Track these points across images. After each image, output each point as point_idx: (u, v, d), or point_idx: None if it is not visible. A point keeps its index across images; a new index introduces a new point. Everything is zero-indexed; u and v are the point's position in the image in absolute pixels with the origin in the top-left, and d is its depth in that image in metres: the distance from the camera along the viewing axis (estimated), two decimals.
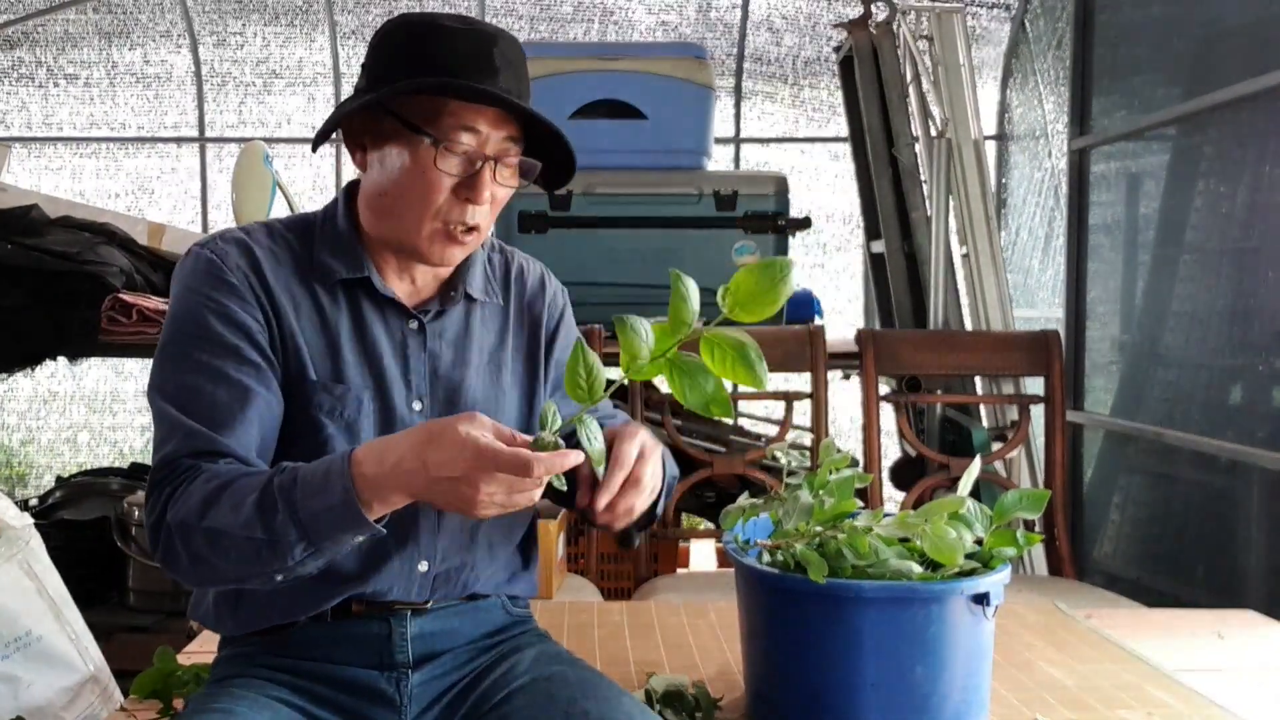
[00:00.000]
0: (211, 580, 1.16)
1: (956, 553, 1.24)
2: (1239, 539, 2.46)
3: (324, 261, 1.24)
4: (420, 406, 1.25)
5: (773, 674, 1.35)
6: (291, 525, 1.05)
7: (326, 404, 1.21)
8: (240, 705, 1.14)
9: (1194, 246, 2.68)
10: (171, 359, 1.19)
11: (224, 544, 1.08)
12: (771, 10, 4.85)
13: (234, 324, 1.18)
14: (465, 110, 1.17)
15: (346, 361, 1.23)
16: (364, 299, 1.25)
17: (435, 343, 1.27)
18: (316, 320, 1.23)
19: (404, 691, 1.23)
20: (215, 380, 1.16)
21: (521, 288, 1.37)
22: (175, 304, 1.21)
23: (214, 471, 1.11)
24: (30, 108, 5.04)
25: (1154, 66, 2.92)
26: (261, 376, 1.18)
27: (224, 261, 1.20)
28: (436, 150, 1.16)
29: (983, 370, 2.70)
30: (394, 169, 1.19)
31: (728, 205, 3.03)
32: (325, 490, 1.05)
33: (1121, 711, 1.47)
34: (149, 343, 2.77)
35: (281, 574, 1.09)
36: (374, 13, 4.89)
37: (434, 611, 1.26)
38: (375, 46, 1.22)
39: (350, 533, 1.07)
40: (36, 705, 1.99)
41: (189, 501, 1.09)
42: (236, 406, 1.15)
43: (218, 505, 1.08)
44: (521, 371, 1.35)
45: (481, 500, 1.03)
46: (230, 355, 1.17)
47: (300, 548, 1.06)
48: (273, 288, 1.21)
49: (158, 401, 1.17)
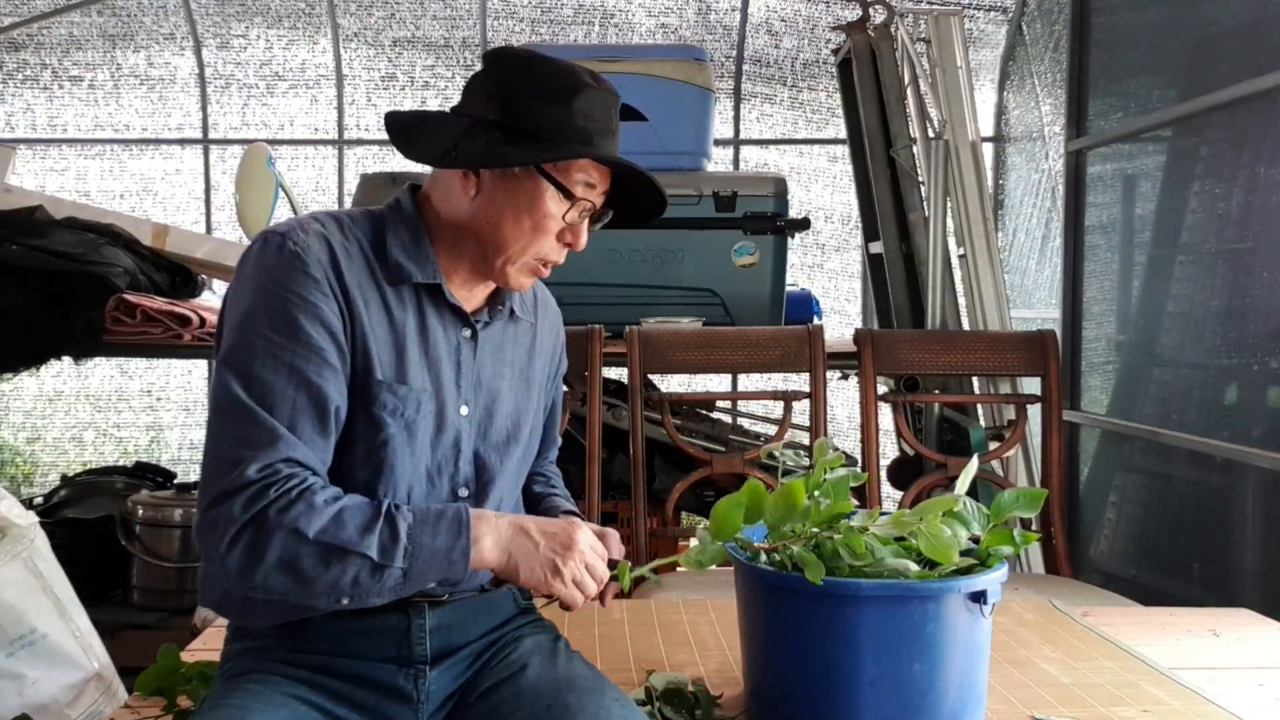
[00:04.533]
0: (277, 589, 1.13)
1: (951, 551, 1.25)
2: (1234, 538, 2.47)
3: (397, 262, 1.26)
4: (467, 411, 1.29)
5: (771, 671, 1.36)
6: (403, 555, 1.13)
7: (390, 403, 1.22)
8: (257, 702, 1.15)
9: (1190, 247, 2.70)
10: (254, 352, 1.15)
11: (332, 559, 1.11)
12: (770, 13, 4.87)
13: (320, 322, 1.18)
14: (594, 169, 1.26)
15: (411, 362, 1.25)
16: (428, 303, 1.28)
17: (481, 352, 1.32)
18: (385, 319, 1.24)
19: (421, 688, 1.25)
20: (299, 385, 1.16)
21: (544, 310, 1.45)
22: (259, 294, 1.18)
23: (326, 486, 1.15)
24: (35, 110, 5.05)
25: (1150, 69, 2.93)
26: (339, 382, 1.19)
27: (306, 254, 1.19)
28: (568, 204, 1.25)
29: (980, 370, 2.72)
30: (517, 203, 1.24)
31: (727, 206, 3.05)
32: (440, 529, 1.15)
33: (1118, 709, 1.48)
34: (153, 343, 2.79)
35: (350, 599, 1.14)
36: (376, 15, 4.91)
37: (451, 604, 1.29)
38: (510, 79, 1.24)
39: (441, 574, 1.16)
40: (41, 702, 2.01)
41: (309, 514, 1.10)
42: (318, 416, 1.17)
43: (341, 522, 1.12)
44: (542, 390, 1.43)
45: (570, 563, 1.18)
46: (314, 357, 1.17)
47: (396, 577, 1.13)
48: (348, 283, 1.21)
49: (240, 395, 1.14)
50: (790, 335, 2.65)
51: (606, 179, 1.29)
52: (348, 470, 1.22)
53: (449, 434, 1.27)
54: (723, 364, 2.70)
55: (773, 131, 5.07)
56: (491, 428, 1.32)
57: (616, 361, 2.71)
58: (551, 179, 1.23)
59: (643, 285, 3.04)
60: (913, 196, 3.34)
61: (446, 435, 1.27)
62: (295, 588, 1.12)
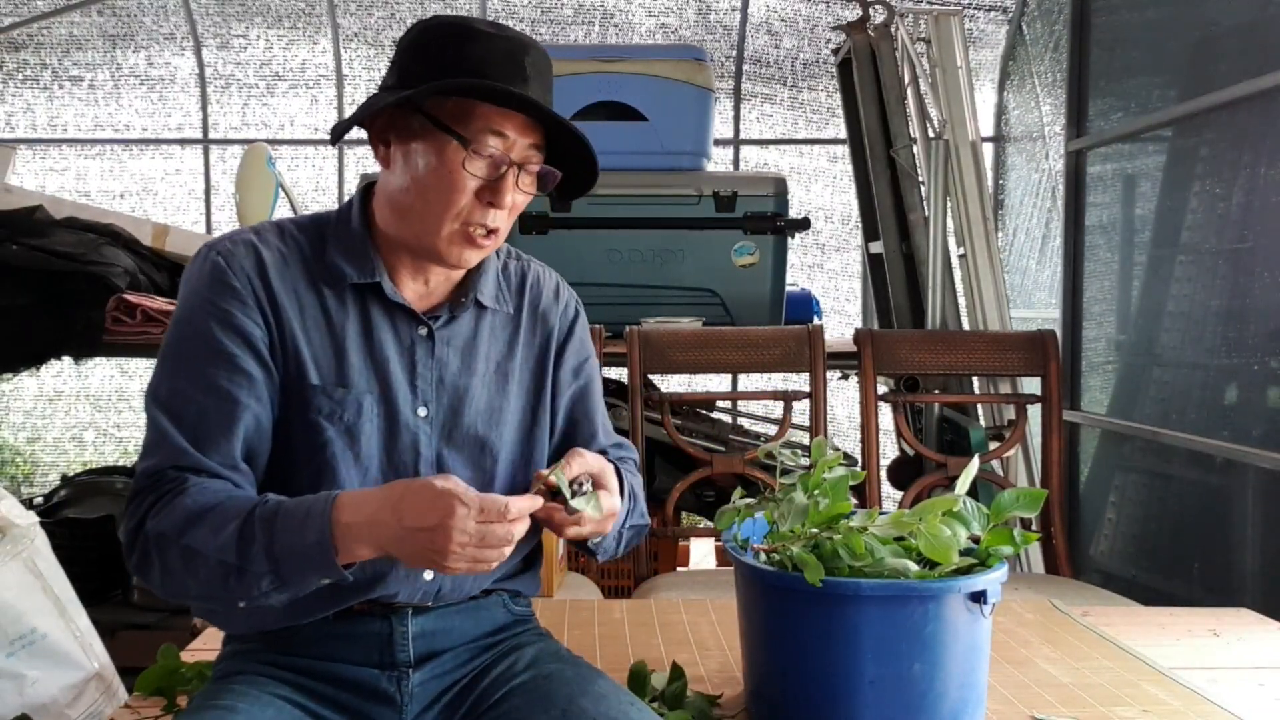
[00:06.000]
0: (179, 595, 1.17)
1: (951, 551, 1.25)
2: (1234, 538, 2.47)
3: (335, 264, 1.24)
4: (426, 413, 1.25)
5: (772, 671, 1.36)
6: (264, 558, 1.07)
7: (326, 407, 1.21)
8: (243, 702, 1.15)
9: (1190, 247, 2.70)
10: (168, 361, 1.20)
11: (196, 564, 1.10)
12: (770, 13, 4.87)
13: (233, 329, 1.18)
14: (495, 114, 1.18)
15: (351, 365, 1.23)
16: (373, 303, 1.25)
17: (443, 349, 1.27)
18: (322, 323, 1.23)
19: (404, 690, 1.24)
20: (206, 390, 1.17)
21: (535, 297, 1.36)
22: (179, 307, 1.22)
23: (201, 488, 1.13)
24: (35, 110, 5.06)
25: (1150, 69, 2.93)
26: (253, 388, 1.19)
27: (229, 264, 1.20)
28: (465, 151, 1.17)
29: (980, 370, 2.72)
30: (419, 167, 1.19)
31: (727, 206, 3.05)
32: (303, 529, 1.07)
33: (1118, 709, 1.48)
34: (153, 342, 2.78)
35: (244, 601, 1.11)
36: (376, 15, 4.91)
37: (436, 610, 1.27)
38: (408, 45, 1.22)
39: (317, 575, 1.09)
40: (41, 702, 2.00)
41: (172, 515, 1.11)
42: (224, 419, 1.16)
43: (199, 525, 1.09)
44: (529, 382, 1.34)
45: (454, 551, 1.05)
46: (224, 363, 1.17)
47: (267, 580, 1.09)
48: (276, 291, 1.21)
49: (150, 405, 1.18)
50: (790, 335, 2.65)
51: (525, 131, 1.19)
52: (289, 477, 1.21)
53: (404, 437, 1.24)
54: (723, 364, 2.70)
55: (773, 131, 5.07)
56: (457, 428, 1.26)
57: (616, 361, 2.71)
58: (445, 127, 1.17)
59: (643, 285, 3.05)
60: (913, 196, 3.34)
61: (402, 438, 1.23)
62: (195, 591, 1.13)
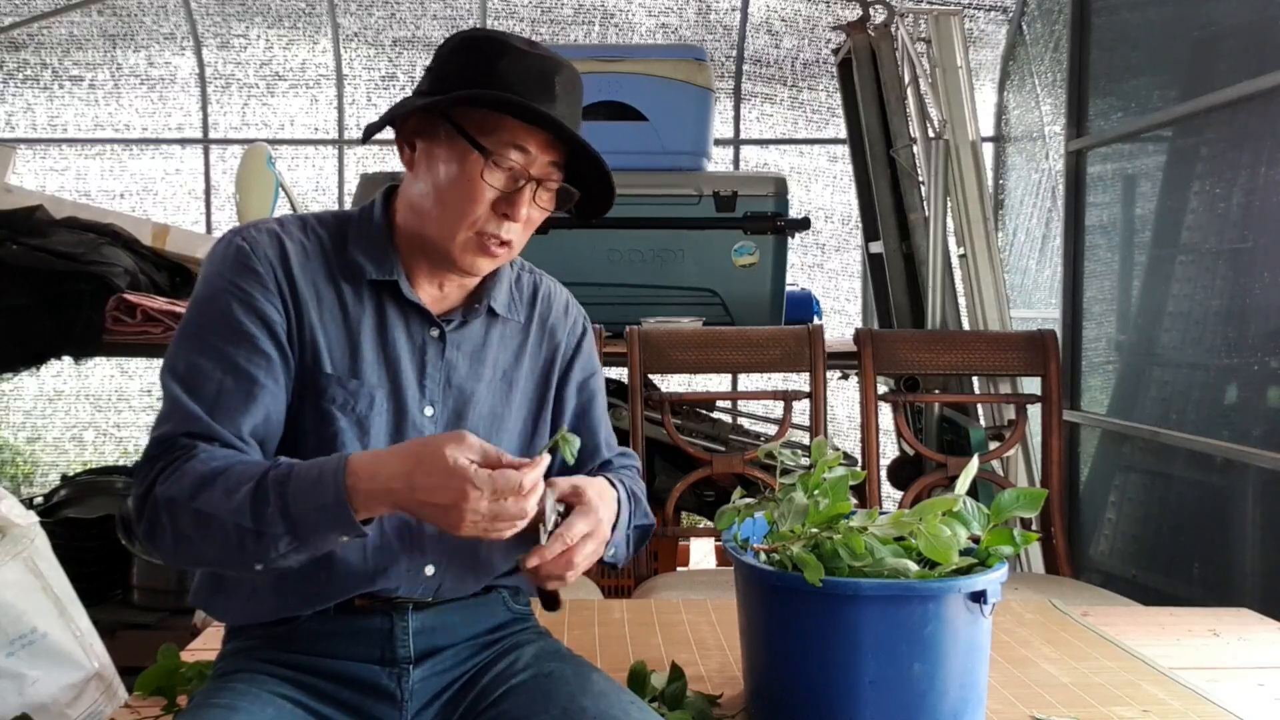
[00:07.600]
0: (192, 561, 1.18)
1: (951, 551, 1.26)
2: (1234, 538, 2.47)
3: (355, 259, 1.27)
4: (432, 412, 1.28)
5: (772, 671, 1.36)
6: (280, 519, 1.08)
7: (339, 397, 1.23)
8: (243, 701, 1.15)
9: (1190, 247, 2.70)
10: (188, 339, 1.21)
11: (212, 527, 1.10)
12: (770, 13, 4.87)
13: (253, 312, 1.20)
14: (519, 129, 1.20)
15: (365, 359, 1.25)
16: (389, 301, 1.27)
17: (453, 352, 1.30)
18: (339, 316, 1.25)
19: (405, 687, 1.25)
20: (225, 367, 1.18)
21: (545, 310, 1.39)
22: (201, 286, 1.24)
23: (211, 454, 1.14)
24: (35, 109, 5.06)
25: (1150, 69, 2.94)
26: (271, 369, 1.20)
27: (253, 249, 1.23)
28: (485, 163, 1.20)
29: (980, 370, 2.72)
30: (440, 173, 1.22)
31: (727, 206, 3.05)
32: (318, 490, 1.08)
33: (1117, 709, 1.48)
34: (153, 342, 2.79)
35: (261, 564, 1.11)
36: (376, 15, 4.91)
37: (437, 606, 1.28)
38: (445, 54, 1.26)
39: (337, 532, 1.10)
40: (41, 702, 2.01)
41: (182, 480, 1.11)
42: (241, 396, 1.18)
43: (211, 488, 1.10)
44: (532, 392, 1.37)
45: (466, 526, 1.08)
46: (244, 343, 1.19)
47: (285, 541, 1.09)
48: (297, 280, 1.23)
49: (167, 379, 1.19)
50: (790, 335, 2.65)
51: (546, 148, 1.23)
52: None
53: (410, 434, 1.26)
54: (723, 364, 2.70)
55: (773, 131, 5.07)
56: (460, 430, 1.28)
57: (617, 361, 2.71)
58: (469, 136, 1.20)
59: (643, 285, 3.04)
60: (913, 196, 3.34)
61: (408, 435, 1.26)
62: (210, 555, 1.14)
